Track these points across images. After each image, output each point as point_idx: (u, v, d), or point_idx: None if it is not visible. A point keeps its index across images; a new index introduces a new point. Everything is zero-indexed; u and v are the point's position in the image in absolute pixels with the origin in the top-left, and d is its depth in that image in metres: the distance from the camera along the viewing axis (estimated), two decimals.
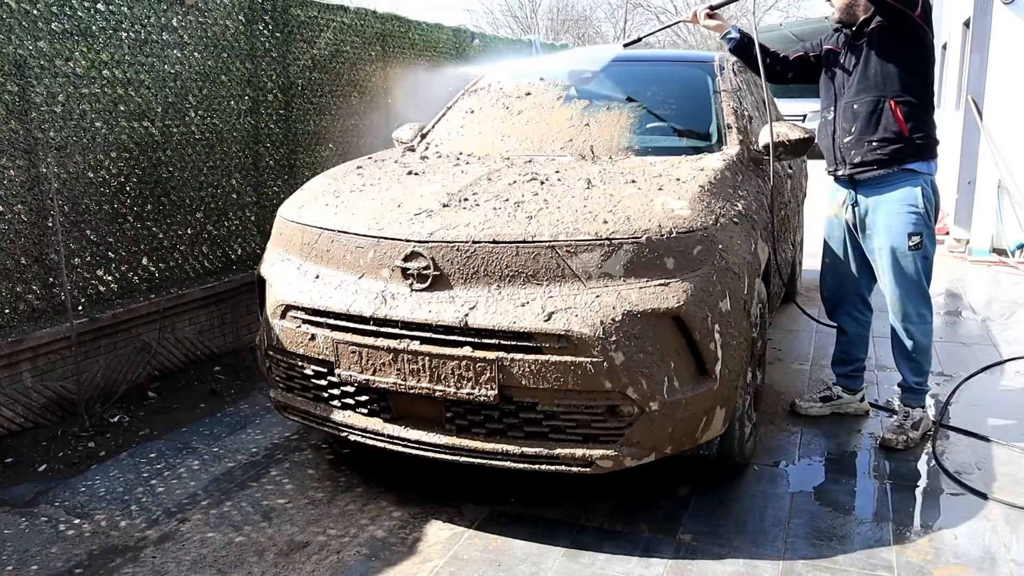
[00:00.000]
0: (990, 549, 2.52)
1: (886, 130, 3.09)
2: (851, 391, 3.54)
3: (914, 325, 3.23)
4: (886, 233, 3.16)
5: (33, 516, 2.82)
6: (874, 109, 3.10)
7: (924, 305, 3.22)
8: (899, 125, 3.07)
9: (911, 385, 3.32)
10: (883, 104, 3.08)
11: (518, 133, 3.59)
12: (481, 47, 7.61)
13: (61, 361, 3.60)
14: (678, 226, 2.48)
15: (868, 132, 3.12)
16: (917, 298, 3.20)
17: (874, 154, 3.12)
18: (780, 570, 2.43)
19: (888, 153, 3.10)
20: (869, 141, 3.12)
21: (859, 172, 3.19)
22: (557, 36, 28.50)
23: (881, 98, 3.09)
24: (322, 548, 2.58)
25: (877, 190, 3.18)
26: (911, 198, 3.11)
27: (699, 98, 3.60)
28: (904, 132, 3.07)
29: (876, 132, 3.11)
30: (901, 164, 3.11)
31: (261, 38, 4.82)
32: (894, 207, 3.14)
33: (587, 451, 2.46)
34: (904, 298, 3.20)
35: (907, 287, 3.18)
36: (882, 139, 3.10)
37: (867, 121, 3.12)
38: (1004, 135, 6.77)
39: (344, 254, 2.71)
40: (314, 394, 2.86)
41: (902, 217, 3.12)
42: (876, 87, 3.10)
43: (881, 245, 3.20)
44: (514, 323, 2.38)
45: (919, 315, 3.22)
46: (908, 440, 3.19)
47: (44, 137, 3.59)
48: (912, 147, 3.10)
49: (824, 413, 3.52)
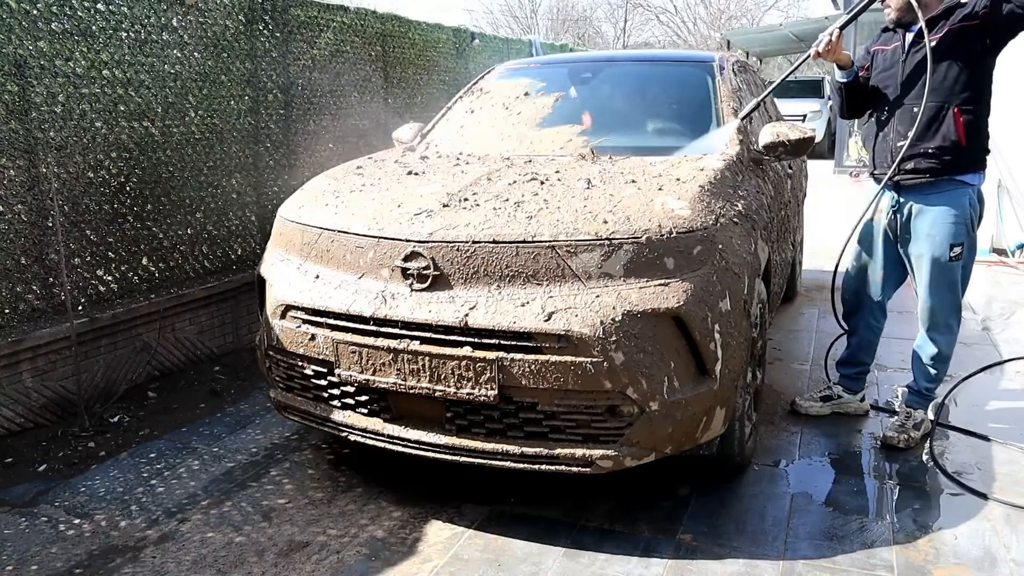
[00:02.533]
0: (990, 549, 2.52)
1: (944, 139, 2.98)
2: (852, 391, 3.54)
3: (940, 335, 3.20)
4: (928, 242, 3.09)
5: (33, 516, 2.82)
6: (936, 115, 2.98)
7: (954, 316, 3.18)
8: (959, 135, 2.96)
9: (920, 389, 3.32)
10: (947, 111, 2.97)
11: (518, 133, 3.59)
12: (481, 47, 7.61)
13: (61, 361, 3.60)
14: (678, 226, 2.48)
15: (926, 139, 3.00)
16: (949, 308, 3.16)
17: (928, 162, 3.02)
18: (780, 570, 2.43)
19: (942, 163, 3.00)
20: (925, 148, 3.01)
21: (909, 178, 3.09)
22: (557, 36, 28.51)
23: (945, 104, 2.97)
24: (322, 548, 2.58)
25: (924, 197, 3.09)
26: (957, 208, 3.03)
27: (699, 98, 3.60)
28: (962, 142, 2.97)
29: (934, 140, 2.99)
30: (953, 174, 3.02)
31: (261, 38, 4.82)
32: (939, 216, 3.05)
33: (587, 451, 2.46)
34: (937, 307, 3.16)
35: (942, 297, 3.14)
36: (939, 147, 2.99)
37: (927, 127, 3.00)
38: (1004, 135, 6.76)
39: (344, 254, 2.71)
40: (314, 394, 2.86)
41: (946, 227, 3.04)
42: (941, 92, 2.97)
43: (922, 253, 3.12)
44: (514, 323, 2.38)
45: (947, 325, 3.19)
46: (910, 439, 3.20)
47: (44, 137, 3.59)
48: (967, 158, 3.00)
49: (824, 413, 3.52)
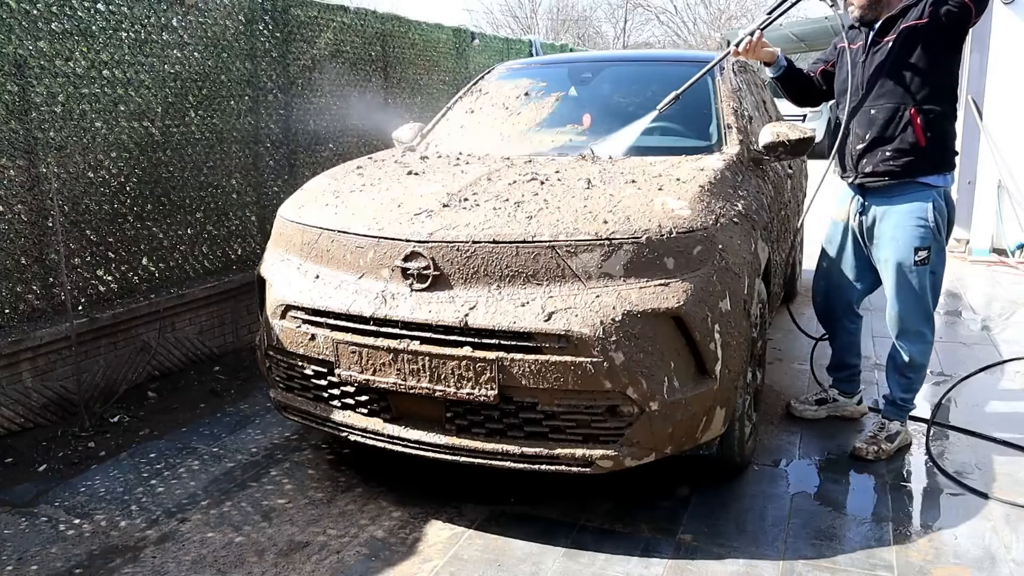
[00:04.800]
0: (990, 549, 2.52)
1: (902, 141, 2.92)
2: (848, 394, 3.49)
3: (912, 343, 3.09)
4: (892, 245, 3.02)
5: (33, 516, 2.82)
6: (892, 117, 2.93)
7: (925, 324, 3.07)
8: (917, 136, 2.89)
9: (896, 399, 3.21)
10: (903, 112, 2.91)
11: (518, 133, 3.59)
12: (481, 47, 7.61)
13: (61, 361, 3.60)
14: (678, 226, 2.48)
15: (883, 141, 2.96)
16: (918, 315, 3.05)
17: (886, 164, 2.96)
18: (780, 570, 2.43)
19: (901, 165, 2.94)
20: (883, 150, 2.96)
21: (869, 181, 3.04)
22: (557, 36, 28.50)
23: (902, 106, 2.91)
24: (322, 548, 2.58)
25: (886, 200, 3.03)
26: (921, 211, 2.95)
27: (699, 98, 3.59)
28: (921, 144, 2.90)
29: (892, 142, 2.94)
30: (913, 176, 2.96)
31: (261, 38, 4.82)
32: (902, 219, 2.99)
33: (587, 451, 2.46)
34: (904, 314, 3.07)
35: (908, 303, 3.05)
36: (897, 149, 2.94)
37: (883, 129, 2.95)
38: (1004, 135, 6.77)
39: (344, 254, 2.71)
40: (314, 394, 2.86)
41: (909, 230, 2.97)
42: (897, 93, 2.92)
43: (887, 257, 3.05)
44: (514, 323, 2.38)
45: (918, 333, 3.08)
46: (880, 451, 3.09)
47: (44, 137, 3.59)
48: (928, 160, 2.93)
49: (819, 416, 3.47)
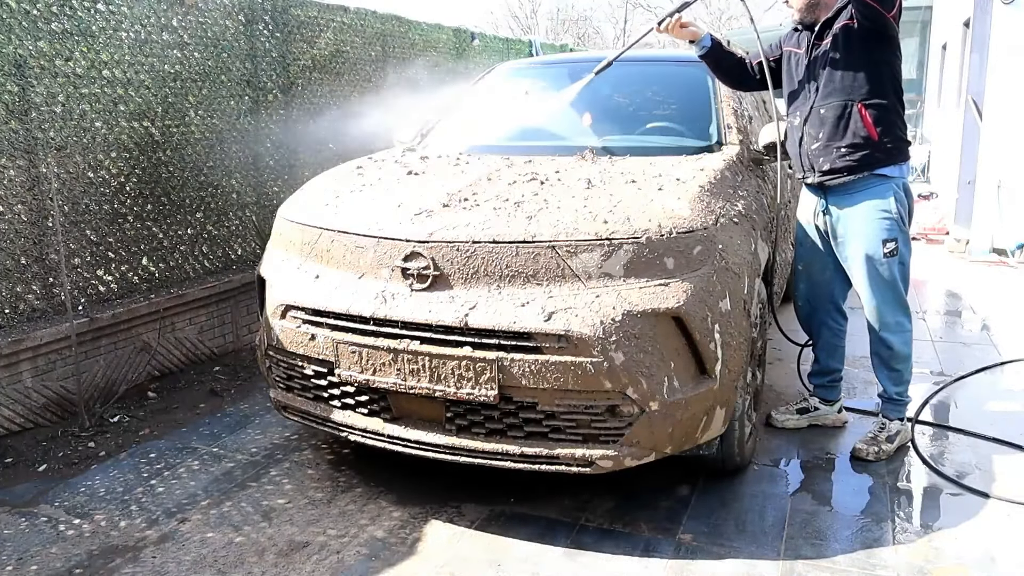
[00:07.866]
0: (990, 549, 2.52)
1: (855, 135, 2.96)
2: (828, 402, 3.46)
3: (893, 334, 3.11)
4: (860, 240, 3.04)
5: (33, 516, 2.82)
6: (842, 114, 2.97)
7: (902, 312, 3.11)
8: (868, 129, 2.94)
9: (891, 396, 3.22)
10: (851, 108, 2.95)
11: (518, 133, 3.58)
12: (481, 47, 7.61)
13: (61, 361, 3.60)
14: (678, 226, 2.48)
15: (836, 138, 2.99)
16: (895, 305, 3.08)
17: (843, 160, 2.98)
18: (780, 570, 2.43)
19: (857, 159, 2.97)
20: (838, 147, 2.99)
21: (829, 179, 3.06)
22: (557, 36, 28.48)
23: (849, 102, 2.95)
24: (322, 548, 2.58)
25: (848, 197, 3.05)
26: (884, 204, 2.99)
27: (699, 98, 3.60)
28: (873, 136, 2.94)
29: (844, 138, 2.97)
30: (871, 169, 2.99)
31: (261, 38, 4.82)
32: (867, 213, 3.01)
33: (587, 451, 2.46)
34: (882, 306, 3.09)
35: (884, 295, 3.08)
36: (851, 144, 2.97)
37: (835, 126, 2.98)
38: (1004, 135, 6.77)
39: (344, 254, 2.71)
40: (314, 394, 2.86)
41: (876, 223, 3.00)
42: (843, 91, 2.96)
43: (855, 253, 3.07)
44: (514, 323, 2.38)
45: (897, 323, 3.10)
46: (880, 452, 3.11)
47: (44, 137, 3.59)
48: (882, 151, 2.96)
49: (801, 425, 3.44)
